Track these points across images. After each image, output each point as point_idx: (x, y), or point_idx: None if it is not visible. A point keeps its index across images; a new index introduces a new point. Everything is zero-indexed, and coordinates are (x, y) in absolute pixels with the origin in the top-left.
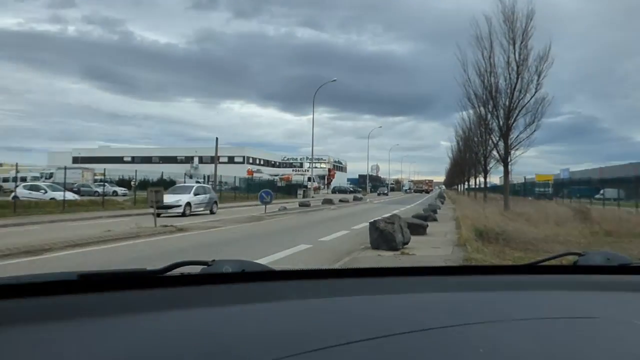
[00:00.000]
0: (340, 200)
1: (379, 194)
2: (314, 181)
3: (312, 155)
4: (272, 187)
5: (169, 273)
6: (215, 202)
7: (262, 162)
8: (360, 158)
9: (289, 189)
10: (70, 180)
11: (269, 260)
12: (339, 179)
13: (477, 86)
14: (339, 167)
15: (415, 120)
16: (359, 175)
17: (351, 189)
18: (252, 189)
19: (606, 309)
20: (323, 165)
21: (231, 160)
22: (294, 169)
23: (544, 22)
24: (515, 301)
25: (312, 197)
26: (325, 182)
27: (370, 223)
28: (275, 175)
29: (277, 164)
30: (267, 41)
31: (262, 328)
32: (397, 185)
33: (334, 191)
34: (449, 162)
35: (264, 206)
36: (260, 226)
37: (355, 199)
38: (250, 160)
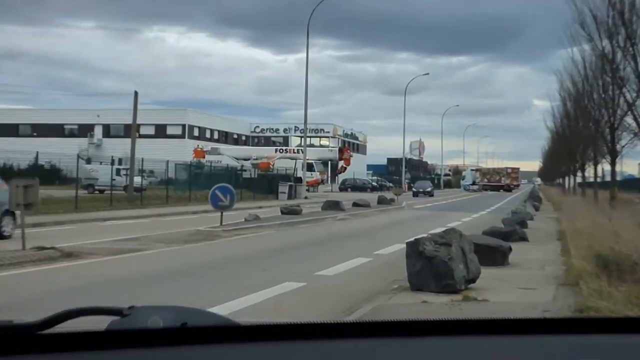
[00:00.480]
0: (356, 204)
1: (416, 194)
2: (311, 171)
3: (306, 123)
4: (236, 179)
5: (53, 329)
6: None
7: (217, 137)
8: (390, 129)
9: (269, 184)
10: None
11: (229, 310)
12: (355, 166)
13: (597, 4)
14: (352, 144)
15: (488, 62)
16: (388, 160)
17: (374, 184)
18: (200, 182)
19: None
20: (326, 142)
21: (162, 131)
22: (278, 148)
23: None
24: None
25: (306, 197)
26: (336, 172)
27: (408, 244)
28: (245, 160)
29: (245, 139)
30: None
31: None
32: (457, 178)
33: (343, 187)
34: (548, 137)
35: (219, 213)
36: (212, 250)
37: (381, 201)
38: (197, 133)
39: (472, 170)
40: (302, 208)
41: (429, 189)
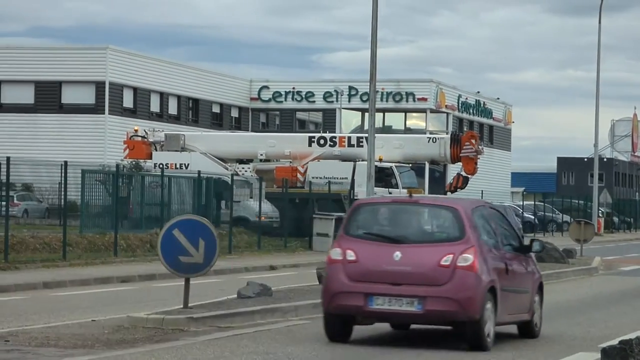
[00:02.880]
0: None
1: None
2: (388, 186)
3: (373, 78)
4: (219, 204)
5: None
6: None
7: (178, 110)
8: (564, 90)
9: (293, 215)
10: None
11: None
12: (486, 173)
13: None
14: (481, 127)
15: None
16: (560, 162)
17: (527, 215)
18: (140, 212)
19: None
20: (420, 122)
21: (50, 97)
22: (312, 134)
23: None
24: None
25: None
26: (445, 188)
27: (604, 352)
28: (241, 162)
29: (240, 116)
30: None
31: None
32: None
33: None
34: None
35: (182, 281)
36: None
37: (545, 255)
38: (129, 101)
39: None
40: None
41: None
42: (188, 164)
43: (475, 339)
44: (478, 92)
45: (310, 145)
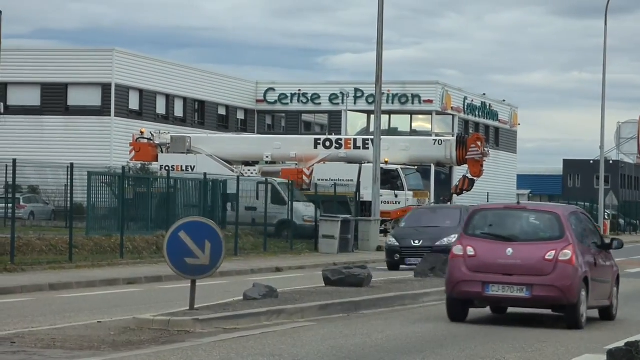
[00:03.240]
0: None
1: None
2: (394, 188)
3: (379, 79)
4: (225, 207)
5: None
6: None
7: (184, 112)
8: (568, 92)
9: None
10: None
11: None
12: (492, 175)
13: None
14: (487, 129)
15: None
16: (566, 165)
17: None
18: (146, 214)
19: None
20: (425, 124)
21: (55, 99)
22: (319, 136)
23: None
24: None
25: (381, 248)
26: (451, 191)
27: (610, 354)
28: (247, 164)
29: (246, 118)
30: None
31: None
32: None
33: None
34: None
35: (188, 283)
36: None
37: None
38: (135, 104)
39: None
40: (371, 272)
41: None
42: (194, 166)
43: (573, 320)
44: (484, 94)
45: (316, 147)
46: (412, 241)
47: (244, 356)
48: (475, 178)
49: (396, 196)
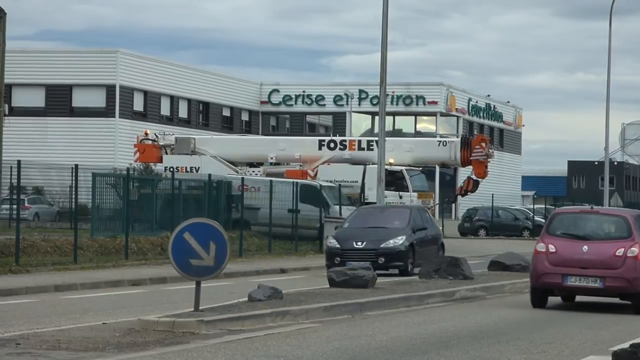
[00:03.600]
0: (497, 266)
1: None
2: (399, 189)
3: (384, 81)
4: (229, 208)
5: None
6: None
7: (188, 113)
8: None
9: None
10: None
11: None
12: (496, 177)
13: None
14: (492, 131)
15: None
16: (571, 166)
17: (538, 218)
18: (150, 215)
19: None
20: (430, 126)
21: (61, 101)
22: (323, 138)
23: None
24: None
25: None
26: (455, 192)
27: (615, 356)
28: (252, 165)
29: (250, 119)
30: None
31: None
32: None
33: (470, 225)
34: None
35: (193, 284)
36: None
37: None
38: (140, 104)
39: None
40: (376, 273)
41: None
42: (198, 168)
43: (639, 307)
44: (488, 95)
45: (320, 148)
46: (354, 243)
47: (249, 357)
48: (479, 179)
49: (401, 197)
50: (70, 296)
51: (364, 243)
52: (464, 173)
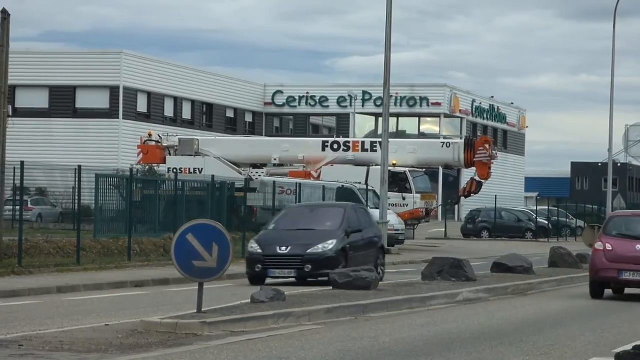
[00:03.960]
0: (500, 269)
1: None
2: (402, 191)
3: (387, 82)
4: (231, 209)
5: None
6: None
7: (192, 114)
8: (577, 95)
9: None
10: None
11: None
12: (500, 178)
13: None
14: (495, 132)
15: None
16: (574, 167)
17: (541, 220)
18: (153, 216)
19: None
20: (434, 127)
21: (64, 102)
22: (326, 139)
23: None
24: None
25: (397, 251)
26: (458, 194)
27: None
28: (255, 166)
29: (254, 121)
30: None
31: None
32: None
33: (473, 227)
34: None
35: (196, 286)
36: None
37: (558, 260)
38: (144, 106)
39: None
40: (378, 275)
41: None
42: (202, 169)
43: None
44: (492, 97)
45: (323, 150)
46: (278, 248)
47: (252, 359)
48: (483, 180)
49: (404, 199)
50: (73, 298)
51: (289, 248)
52: (468, 174)
